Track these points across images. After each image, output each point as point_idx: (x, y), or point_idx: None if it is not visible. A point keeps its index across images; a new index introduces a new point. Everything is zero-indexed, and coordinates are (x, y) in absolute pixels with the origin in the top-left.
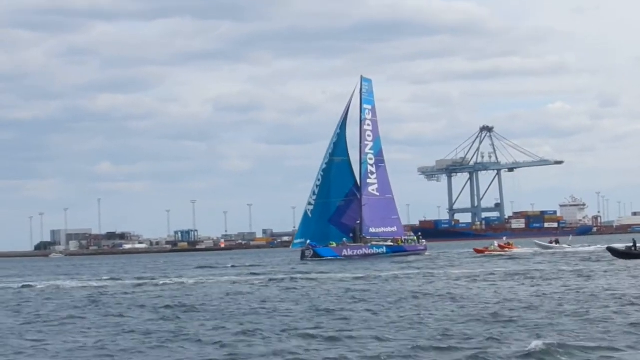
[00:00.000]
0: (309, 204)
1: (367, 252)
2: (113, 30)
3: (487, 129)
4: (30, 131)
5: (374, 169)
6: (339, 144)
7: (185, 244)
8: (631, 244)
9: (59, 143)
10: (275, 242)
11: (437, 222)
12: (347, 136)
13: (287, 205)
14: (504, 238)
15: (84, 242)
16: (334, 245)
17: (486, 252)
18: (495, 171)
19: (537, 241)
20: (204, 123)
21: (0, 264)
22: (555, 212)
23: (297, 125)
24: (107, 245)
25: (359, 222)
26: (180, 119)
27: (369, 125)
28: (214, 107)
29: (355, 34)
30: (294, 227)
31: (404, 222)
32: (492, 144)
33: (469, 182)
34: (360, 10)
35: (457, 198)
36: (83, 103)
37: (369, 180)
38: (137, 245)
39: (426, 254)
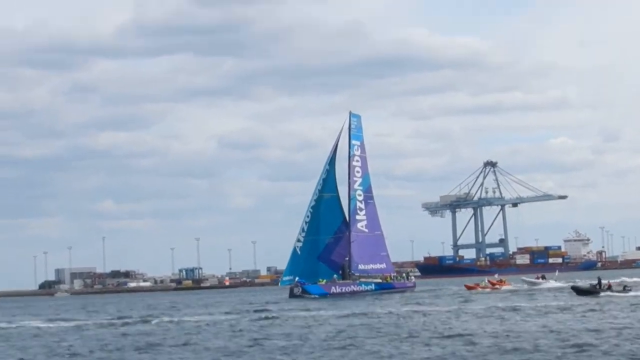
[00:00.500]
0: (298, 240)
1: (355, 289)
2: (115, 67)
3: (491, 164)
4: (34, 169)
5: (362, 205)
6: (328, 180)
7: (190, 282)
8: (596, 282)
9: (62, 181)
10: (279, 279)
11: (441, 258)
12: (337, 172)
13: (290, 242)
14: (496, 275)
15: (88, 281)
16: (323, 282)
17: (478, 289)
18: (499, 206)
19: (524, 278)
20: (207, 160)
21: (10, 303)
22: (559, 248)
23: (299, 161)
24: (112, 284)
25: (347, 258)
26: (182, 156)
27: (357, 161)
28: (217, 143)
29: (357, 70)
30: None
31: (408, 258)
32: (496, 179)
33: (473, 217)
34: (363, 47)
35: (462, 234)
36: (85, 141)
37: (357, 217)
38: (142, 284)
39: (415, 290)
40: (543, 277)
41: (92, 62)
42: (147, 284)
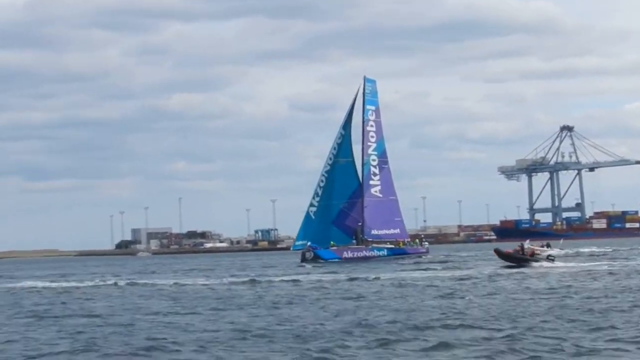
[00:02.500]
0: (312, 205)
1: (367, 254)
2: (187, 30)
3: (568, 129)
4: (107, 131)
5: (377, 170)
6: (343, 145)
7: (266, 243)
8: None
9: (135, 142)
10: None
11: (517, 222)
12: (353, 137)
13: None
14: (527, 241)
15: (164, 241)
16: (335, 247)
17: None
18: (576, 171)
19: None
20: (278, 122)
21: (93, 262)
22: (636, 212)
23: None
24: (188, 244)
25: (360, 224)
26: (254, 118)
27: (372, 126)
28: (289, 105)
29: (429, 34)
30: None
31: (483, 221)
32: (573, 144)
33: (549, 181)
34: (436, 11)
35: (538, 198)
36: (157, 102)
37: (371, 182)
38: (218, 244)
39: (428, 256)
40: (548, 245)
41: (162, 25)
42: (224, 244)
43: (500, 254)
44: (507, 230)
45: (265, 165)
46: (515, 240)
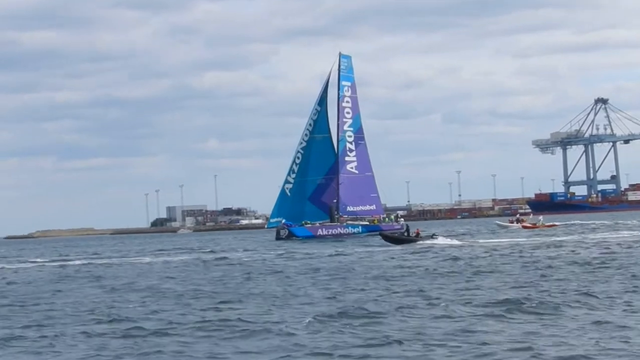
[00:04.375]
0: (287, 182)
1: (342, 231)
2: (217, 8)
3: (602, 101)
4: (138, 109)
5: (353, 147)
6: (319, 121)
7: None
8: (404, 230)
9: (167, 121)
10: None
11: (552, 195)
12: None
13: (399, 180)
14: (540, 218)
15: (200, 218)
16: (309, 224)
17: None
18: (611, 143)
19: (497, 222)
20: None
21: (138, 239)
22: None
23: (402, 100)
24: (224, 221)
25: (335, 201)
26: (285, 96)
27: (347, 102)
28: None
29: (459, 9)
30: (408, 202)
31: (518, 195)
32: (607, 116)
33: (584, 154)
34: None
35: (572, 170)
36: (188, 81)
37: (347, 158)
38: (254, 221)
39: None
40: (517, 221)
41: (192, 4)
42: (259, 221)
43: (385, 237)
44: (543, 204)
45: (296, 143)
46: (551, 213)
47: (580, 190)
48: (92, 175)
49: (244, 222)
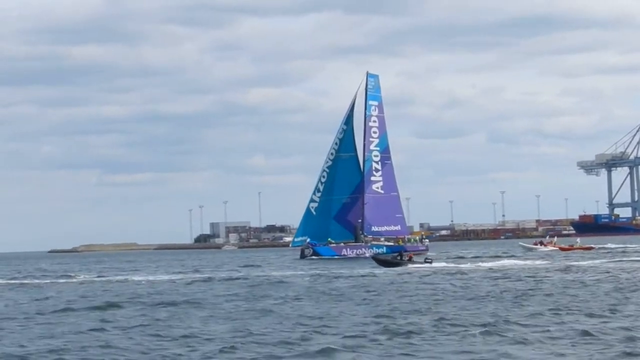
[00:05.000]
0: (312, 201)
1: (366, 251)
2: (263, 25)
3: None
4: (184, 125)
5: (379, 166)
6: (345, 140)
7: None
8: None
9: (212, 136)
10: (434, 235)
11: (596, 217)
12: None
13: (443, 200)
14: (555, 238)
15: (243, 235)
16: (333, 243)
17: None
18: None
19: (521, 243)
20: (354, 117)
21: (179, 255)
22: None
23: (447, 119)
24: (267, 238)
25: (360, 220)
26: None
27: (374, 121)
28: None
29: (505, 29)
30: (452, 221)
31: (562, 216)
32: None
33: (628, 176)
34: (512, 5)
35: (617, 192)
36: (234, 97)
37: (372, 178)
38: None
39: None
40: (541, 243)
41: (239, 20)
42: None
43: (377, 260)
44: (587, 225)
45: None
46: (595, 235)
47: (625, 213)
48: (136, 190)
49: (287, 239)
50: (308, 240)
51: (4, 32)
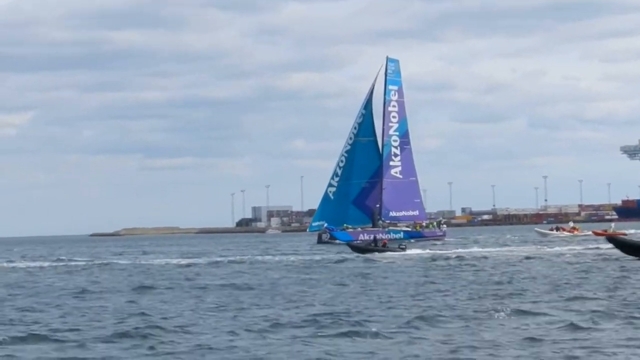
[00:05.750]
0: (330, 185)
1: (383, 236)
2: (304, 9)
3: None
4: (225, 110)
5: (398, 151)
6: (365, 124)
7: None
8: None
9: (253, 121)
10: (476, 220)
11: (639, 202)
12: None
13: (485, 184)
14: (570, 223)
15: (285, 219)
16: (350, 229)
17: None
18: None
19: (536, 229)
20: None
21: (228, 239)
22: None
23: (488, 103)
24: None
25: (378, 205)
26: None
27: (394, 106)
28: (405, 86)
29: (545, 13)
30: (494, 206)
31: (604, 201)
32: None
33: None
34: None
35: None
36: (275, 82)
37: (391, 163)
38: None
39: (445, 239)
40: (557, 229)
41: (280, 5)
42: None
43: (351, 246)
44: (630, 210)
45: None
46: (638, 220)
47: None
48: (177, 174)
49: None
50: (325, 225)
51: (45, 18)
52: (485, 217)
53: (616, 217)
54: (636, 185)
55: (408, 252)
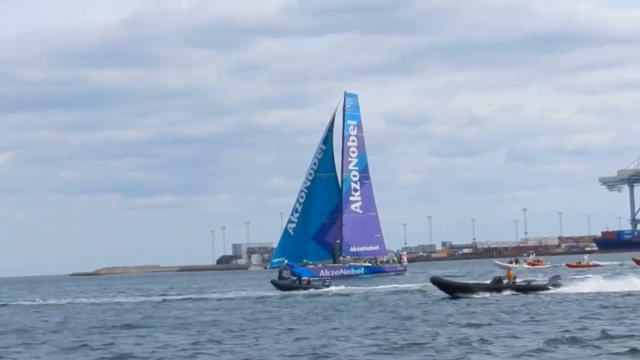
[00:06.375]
0: (290, 221)
1: (344, 272)
2: (281, 46)
3: None
4: (203, 147)
5: (357, 186)
6: (324, 160)
7: None
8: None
9: (232, 158)
10: (456, 254)
11: (619, 233)
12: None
13: (465, 218)
14: (585, 257)
15: (265, 256)
16: (311, 265)
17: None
18: None
19: (496, 262)
20: (374, 137)
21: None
22: None
23: (466, 137)
24: None
25: (338, 240)
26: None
27: (353, 141)
28: (384, 120)
29: (524, 46)
30: (474, 239)
31: (584, 233)
32: None
33: None
34: (529, 22)
35: None
36: (253, 118)
37: (351, 198)
38: None
39: (405, 274)
40: (516, 262)
41: (256, 42)
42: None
43: (275, 284)
44: (609, 242)
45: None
46: (617, 251)
47: None
48: (158, 212)
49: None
50: (286, 261)
51: (23, 57)
52: (466, 250)
53: (596, 248)
54: (615, 216)
55: (332, 288)
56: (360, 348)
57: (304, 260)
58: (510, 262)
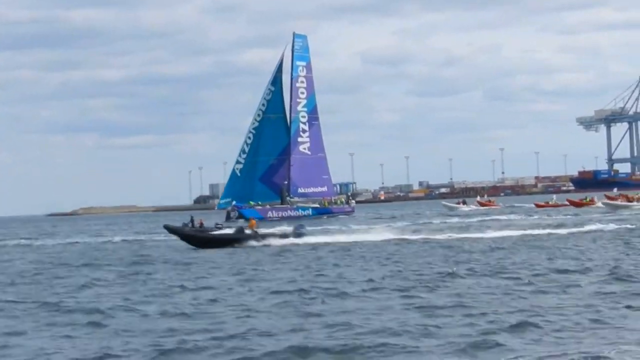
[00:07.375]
0: (237, 162)
1: (292, 214)
2: None
3: None
4: (182, 87)
5: (306, 127)
6: (273, 101)
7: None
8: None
9: (211, 98)
10: (433, 193)
11: (596, 172)
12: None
13: (442, 157)
14: (553, 197)
15: None
16: (259, 206)
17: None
18: None
19: (444, 202)
20: (352, 76)
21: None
22: None
23: (444, 77)
24: None
25: (286, 182)
26: (327, 73)
27: (302, 82)
28: (362, 60)
29: None
30: (451, 179)
31: (561, 172)
32: None
33: (628, 131)
34: None
35: (616, 148)
36: (232, 58)
37: (299, 139)
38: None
39: (354, 215)
40: (464, 202)
41: None
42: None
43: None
44: (586, 181)
45: (340, 120)
46: (594, 190)
47: (624, 168)
48: (135, 152)
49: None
50: (234, 202)
51: None
52: (443, 190)
53: (573, 188)
54: (592, 156)
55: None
56: None
57: (251, 202)
58: (458, 203)
